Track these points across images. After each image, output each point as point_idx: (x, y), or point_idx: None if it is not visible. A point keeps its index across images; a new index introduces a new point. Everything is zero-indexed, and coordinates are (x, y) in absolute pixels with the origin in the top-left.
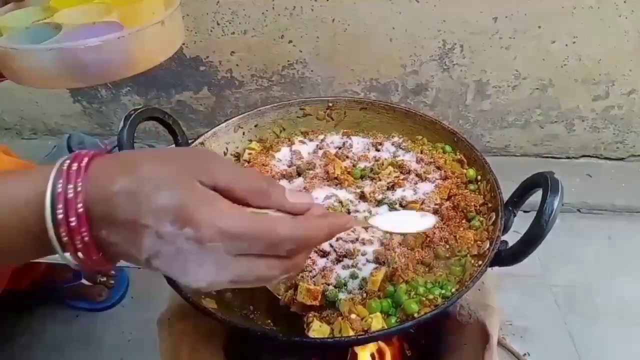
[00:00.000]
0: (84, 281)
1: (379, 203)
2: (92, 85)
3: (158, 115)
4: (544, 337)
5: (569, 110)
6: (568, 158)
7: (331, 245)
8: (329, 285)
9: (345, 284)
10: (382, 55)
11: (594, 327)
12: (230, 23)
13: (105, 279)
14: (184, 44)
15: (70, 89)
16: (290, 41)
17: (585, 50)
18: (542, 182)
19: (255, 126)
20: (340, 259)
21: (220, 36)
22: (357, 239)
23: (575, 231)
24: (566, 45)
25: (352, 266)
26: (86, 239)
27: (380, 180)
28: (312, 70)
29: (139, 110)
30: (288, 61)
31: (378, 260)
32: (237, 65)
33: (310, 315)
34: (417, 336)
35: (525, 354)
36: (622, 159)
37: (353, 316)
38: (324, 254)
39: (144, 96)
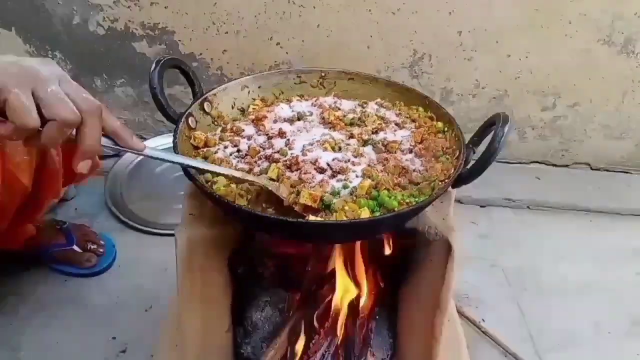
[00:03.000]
0: (75, 247)
1: (365, 143)
2: None
3: (181, 65)
4: (496, 308)
5: (522, 119)
6: (520, 164)
7: (328, 164)
8: (325, 193)
9: (338, 192)
10: (359, 60)
11: (539, 300)
12: (224, 23)
13: (95, 246)
14: (179, 40)
15: None
16: (278, 43)
17: (536, 64)
18: (496, 118)
19: (259, 87)
20: (335, 174)
21: (215, 35)
22: (348, 160)
23: (525, 224)
24: (520, 59)
25: (344, 180)
26: None
27: (366, 126)
28: None
29: (167, 58)
30: (275, 61)
31: (365, 176)
32: (227, 62)
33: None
34: (388, 265)
35: (480, 321)
36: (566, 166)
37: (346, 208)
38: (322, 171)
39: (137, 88)
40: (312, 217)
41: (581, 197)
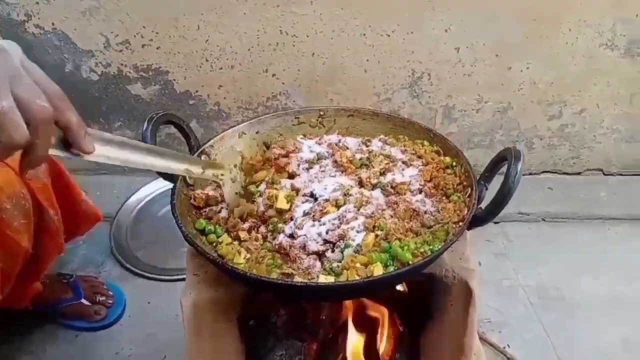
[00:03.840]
0: (83, 301)
1: (374, 187)
2: None
3: (174, 120)
4: (521, 331)
5: (528, 130)
6: (531, 174)
7: (324, 240)
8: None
9: (342, 259)
10: (358, 85)
11: (564, 318)
12: (218, 59)
13: (103, 298)
14: (174, 79)
15: None
16: (274, 74)
17: (539, 74)
18: (507, 154)
19: (257, 133)
20: (334, 244)
21: (209, 71)
22: (342, 222)
23: (542, 238)
24: (521, 70)
25: (345, 241)
26: None
27: (374, 167)
28: (294, 101)
29: (159, 114)
30: (272, 93)
31: (367, 229)
32: (224, 98)
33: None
34: (407, 309)
35: (505, 346)
36: (578, 173)
37: (357, 265)
38: (311, 253)
39: (135, 130)
40: (322, 278)
41: (597, 204)
